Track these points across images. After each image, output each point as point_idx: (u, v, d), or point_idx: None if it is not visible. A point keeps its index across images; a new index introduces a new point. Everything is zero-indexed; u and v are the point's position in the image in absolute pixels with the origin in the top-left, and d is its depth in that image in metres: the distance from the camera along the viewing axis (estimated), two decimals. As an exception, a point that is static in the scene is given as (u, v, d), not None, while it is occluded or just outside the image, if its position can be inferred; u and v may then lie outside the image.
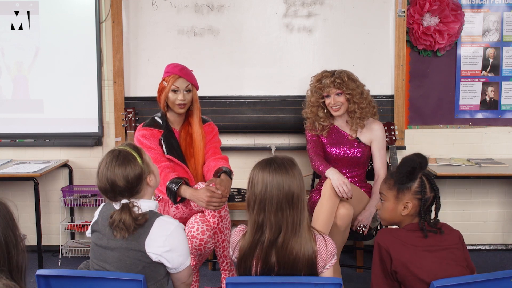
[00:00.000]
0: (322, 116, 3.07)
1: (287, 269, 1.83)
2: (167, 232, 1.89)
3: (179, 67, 2.81)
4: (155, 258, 1.88)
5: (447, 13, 3.56)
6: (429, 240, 1.96)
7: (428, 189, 2.01)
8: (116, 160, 1.92)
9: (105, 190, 1.92)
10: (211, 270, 3.53)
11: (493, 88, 3.75)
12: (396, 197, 2.03)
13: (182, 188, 2.61)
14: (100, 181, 1.93)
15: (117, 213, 1.88)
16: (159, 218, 1.92)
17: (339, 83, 2.98)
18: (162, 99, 2.81)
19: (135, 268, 1.87)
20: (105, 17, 3.70)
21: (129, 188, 1.91)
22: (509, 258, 3.73)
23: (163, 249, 1.88)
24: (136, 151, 1.97)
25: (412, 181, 2.01)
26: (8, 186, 3.83)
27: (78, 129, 3.77)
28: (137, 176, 1.92)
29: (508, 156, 3.77)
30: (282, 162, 1.87)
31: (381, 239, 1.97)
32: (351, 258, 3.68)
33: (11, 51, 3.73)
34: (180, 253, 1.93)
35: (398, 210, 2.03)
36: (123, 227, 1.85)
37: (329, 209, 2.65)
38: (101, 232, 1.93)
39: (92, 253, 1.97)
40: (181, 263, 1.94)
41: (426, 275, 1.89)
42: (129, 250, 1.87)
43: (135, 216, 1.87)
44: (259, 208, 1.83)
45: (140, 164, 1.94)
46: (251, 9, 3.63)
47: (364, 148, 3.05)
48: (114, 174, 1.89)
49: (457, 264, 1.94)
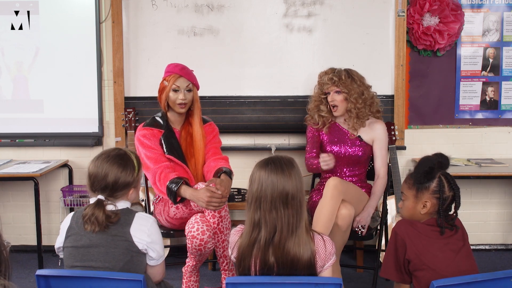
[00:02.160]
0: (323, 110, 3.09)
1: (285, 269, 1.83)
2: (148, 224, 1.99)
3: (179, 67, 2.81)
4: (141, 247, 1.94)
5: (447, 13, 3.56)
6: (445, 234, 2.04)
7: (447, 188, 2.05)
8: (119, 158, 2.00)
9: (95, 177, 1.97)
10: (211, 270, 3.53)
11: (493, 88, 3.75)
12: (415, 196, 2.09)
13: (182, 188, 2.61)
14: (95, 167, 1.98)
15: (90, 206, 1.94)
16: (138, 213, 2.01)
17: (336, 80, 3.01)
18: (163, 98, 2.81)
19: (124, 258, 1.92)
20: (105, 17, 3.70)
21: (112, 188, 1.97)
22: (509, 258, 3.73)
23: (148, 239, 1.96)
24: (138, 163, 2.05)
25: (431, 181, 2.06)
26: (8, 186, 3.83)
27: (78, 129, 3.77)
28: (126, 183, 1.99)
29: (508, 156, 3.78)
30: (279, 162, 1.89)
31: (399, 228, 2.06)
32: (351, 258, 3.68)
33: (11, 51, 3.73)
34: (160, 246, 2.02)
35: (418, 209, 2.09)
36: (95, 222, 1.91)
37: (331, 210, 2.64)
38: (80, 233, 1.95)
39: (71, 260, 1.96)
40: (161, 255, 2.04)
41: (439, 266, 1.96)
42: (116, 241, 1.92)
43: (108, 214, 1.92)
44: (255, 206, 1.86)
45: (135, 175, 2.02)
46: (251, 9, 3.63)
47: (365, 147, 3.05)
48: (110, 168, 1.96)
49: (470, 258, 2.04)
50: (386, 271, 2.09)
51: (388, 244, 2.10)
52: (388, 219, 3.36)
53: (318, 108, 3.12)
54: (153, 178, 2.71)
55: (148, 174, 2.77)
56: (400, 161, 3.46)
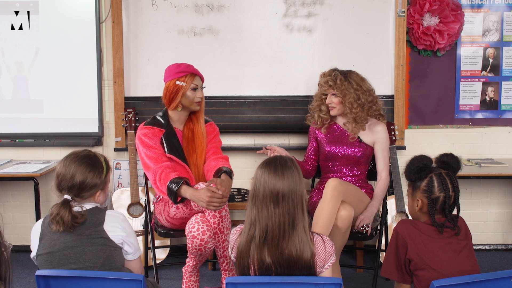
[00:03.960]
0: (323, 110, 3.10)
1: (283, 269, 1.84)
2: (119, 219, 2.03)
3: (191, 66, 2.86)
4: (117, 241, 1.98)
5: (447, 13, 3.56)
6: (446, 234, 2.05)
7: (437, 188, 2.06)
8: (87, 159, 2.03)
9: (62, 177, 1.99)
10: (211, 270, 3.53)
11: (493, 88, 3.75)
12: (411, 193, 2.16)
13: (182, 188, 2.61)
14: (64, 166, 2.00)
15: (56, 206, 1.96)
16: (107, 210, 2.04)
17: (331, 85, 3.03)
18: (177, 98, 2.81)
19: (103, 255, 1.94)
20: (105, 17, 3.70)
21: (79, 189, 1.99)
22: (509, 258, 3.73)
23: (123, 233, 2.00)
24: (106, 166, 2.08)
25: (421, 180, 2.10)
26: (8, 186, 3.83)
27: (78, 129, 3.77)
28: (92, 184, 2.01)
29: (508, 156, 3.78)
30: (274, 161, 1.92)
31: (400, 228, 2.08)
32: (351, 258, 3.68)
33: (11, 51, 3.73)
34: (135, 239, 2.08)
35: (414, 206, 2.14)
36: (60, 221, 1.92)
37: (330, 211, 2.64)
38: (53, 238, 1.95)
39: (48, 266, 1.95)
40: (137, 248, 2.08)
41: (440, 265, 1.97)
42: (91, 239, 1.94)
43: (74, 214, 1.94)
44: (252, 204, 1.91)
45: (102, 177, 2.04)
46: (251, 9, 3.63)
47: (365, 148, 3.05)
48: (78, 168, 1.98)
49: (472, 258, 2.04)
50: (387, 270, 2.10)
51: (389, 243, 2.11)
52: (388, 219, 3.36)
53: (319, 107, 3.13)
54: (153, 177, 2.71)
55: (148, 174, 2.77)
56: (400, 161, 3.46)
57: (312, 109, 3.19)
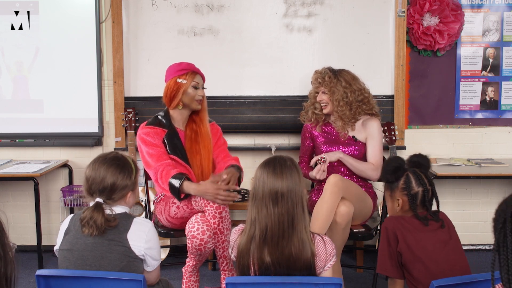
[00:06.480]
0: (317, 107, 3.12)
1: (282, 269, 1.84)
2: (146, 229, 1.98)
3: (192, 65, 2.86)
4: (138, 253, 1.93)
5: (447, 13, 3.56)
6: (432, 227, 2.08)
7: (414, 184, 2.12)
8: (116, 160, 2.00)
9: (92, 180, 1.97)
10: (211, 270, 3.53)
11: (493, 88, 3.75)
12: (390, 195, 2.20)
13: (185, 184, 2.61)
14: (93, 170, 1.98)
15: (89, 209, 1.93)
16: (136, 218, 2.00)
17: (320, 82, 3.07)
18: (178, 96, 2.80)
19: (120, 263, 1.90)
20: (105, 17, 3.70)
21: (110, 191, 1.97)
22: (509, 258, 3.72)
23: (146, 245, 1.95)
24: (135, 167, 2.06)
25: (398, 179, 2.15)
26: (8, 186, 3.83)
27: (78, 129, 3.77)
28: (123, 186, 1.99)
29: (508, 156, 3.77)
30: (273, 161, 1.93)
31: (388, 223, 2.12)
32: (351, 258, 3.68)
33: (11, 51, 3.73)
34: (157, 251, 2.02)
35: (395, 207, 2.18)
36: (94, 225, 1.89)
37: (330, 206, 2.65)
38: (76, 236, 1.94)
39: (65, 263, 1.94)
40: (158, 261, 2.04)
41: (429, 256, 2.00)
42: (112, 246, 1.90)
43: (107, 218, 1.91)
44: (252, 203, 1.91)
45: (132, 179, 2.02)
46: (251, 9, 3.63)
47: (360, 146, 3.06)
48: (107, 171, 1.96)
49: (459, 251, 2.06)
50: (382, 267, 2.12)
51: (381, 240, 2.14)
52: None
53: (313, 105, 3.16)
54: (155, 175, 2.70)
55: (150, 172, 2.76)
56: (400, 161, 3.45)
57: (306, 107, 3.21)
